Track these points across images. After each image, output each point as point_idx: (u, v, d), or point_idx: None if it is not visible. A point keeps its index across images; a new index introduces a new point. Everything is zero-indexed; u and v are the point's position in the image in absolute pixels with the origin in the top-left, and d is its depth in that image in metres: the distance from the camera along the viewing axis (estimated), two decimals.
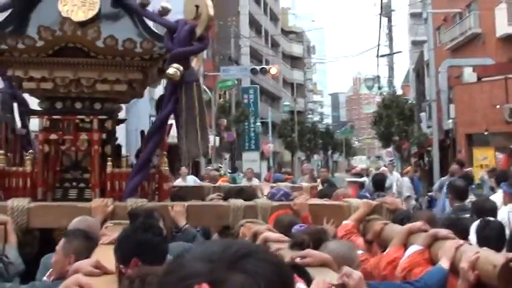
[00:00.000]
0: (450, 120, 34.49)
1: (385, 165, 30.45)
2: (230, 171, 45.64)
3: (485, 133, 30.98)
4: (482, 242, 5.03)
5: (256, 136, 61.88)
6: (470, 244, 4.78)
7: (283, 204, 6.34)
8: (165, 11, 6.93)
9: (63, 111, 7.01)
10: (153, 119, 34.23)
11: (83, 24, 6.66)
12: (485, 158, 30.05)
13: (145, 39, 6.72)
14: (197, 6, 6.40)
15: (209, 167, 23.70)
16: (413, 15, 64.89)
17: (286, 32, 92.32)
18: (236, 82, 39.85)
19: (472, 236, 5.30)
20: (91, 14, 6.86)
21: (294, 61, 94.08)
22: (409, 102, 44.08)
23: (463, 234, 5.12)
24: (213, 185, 10.77)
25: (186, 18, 6.63)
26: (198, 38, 6.49)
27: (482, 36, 38.13)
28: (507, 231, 6.60)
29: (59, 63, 6.77)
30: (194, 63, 7.11)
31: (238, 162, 55.41)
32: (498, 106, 30.30)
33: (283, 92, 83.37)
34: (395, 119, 39.36)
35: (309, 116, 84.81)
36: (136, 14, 7.14)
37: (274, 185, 9.62)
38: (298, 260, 3.75)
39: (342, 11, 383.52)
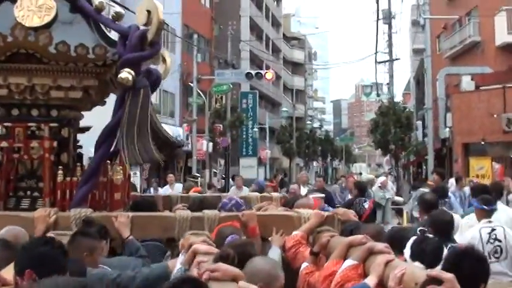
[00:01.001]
0: (447, 129, 34.13)
1: (385, 174, 30.12)
2: (224, 176, 45.45)
3: (482, 142, 30.63)
4: (416, 257, 5.02)
5: (254, 142, 61.59)
6: (405, 259, 4.80)
7: (231, 215, 6.14)
8: (118, 17, 6.84)
9: (19, 119, 6.81)
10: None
11: (37, 30, 6.53)
12: (481, 168, 29.82)
13: (98, 45, 6.54)
14: (149, 12, 6.28)
15: (194, 175, 23.29)
16: (415, 23, 64.78)
17: (288, 38, 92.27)
18: (231, 86, 39.35)
19: (407, 250, 5.23)
20: (47, 19, 6.71)
21: (295, 67, 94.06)
22: (407, 110, 43.69)
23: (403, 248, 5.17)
24: (181, 194, 10.40)
25: (138, 24, 6.48)
26: (149, 44, 6.34)
27: (481, 44, 37.76)
28: (480, 248, 6.71)
29: (13, 69, 6.59)
30: (163, 69, 7.00)
31: (234, 168, 55.12)
32: (496, 115, 29.94)
33: (284, 98, 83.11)
34: (392, 127, 38.99)
35: (309, 122, 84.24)
36: (92, 19, 6.99)
37: (244, 194, 9.76)
38: (206, 274, 3.71)
39: (345, 18, 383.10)
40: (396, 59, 43.05)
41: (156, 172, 38.07)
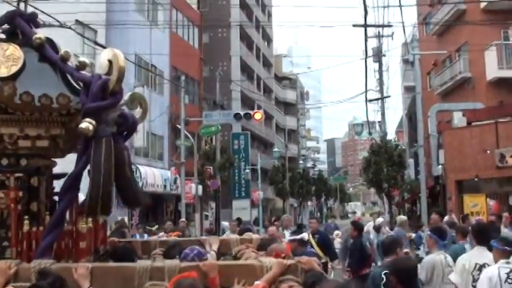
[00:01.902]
0: (440, 166, 33.60)
1: (377, 215, 29.61)
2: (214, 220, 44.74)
3: (476, 179, 30.12)
4: None
5: (247, 183, 61.12)
6: None
7: (192, 265, 6.07)
8: (82, 66, 6.85)
9: None
10: (132, 167, 33.48)
11: (2, 80, 6.56)
12: (476, 205, 29.44)
13: (62, 94, 6.54)
14: (110, 61, 6.36)
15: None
16: (405, 61, 64.97)
17: (279, 78, 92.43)
18: (220, 128, 38.84)
19: None
20: (14, 69, 6.76)
21: (288, 107, 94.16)
22: (399, 147, 43.29)
23: None
24: (160, 239, 10.45)
25: (100, 73, 6.52)
26: (110, 93, 6.37)
27: (472, 80, 37.42)
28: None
29: None
30: (140, 113, 7.12)
31: (227, 211, 54.52)
32: (488, 151, 29.46)
33: (277, 138, 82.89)
34: (384, 166, 38.60)
35: (301, 162, 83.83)
36: (58, 68, 7.03)
37: (224, 237, 9.68)
38: None
39: (338, 58, 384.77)
40: (387, 97, 42.78)
41: (145, 217, 37.61)
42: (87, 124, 6.07)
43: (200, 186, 41.10)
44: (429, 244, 9.51)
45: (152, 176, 38.10)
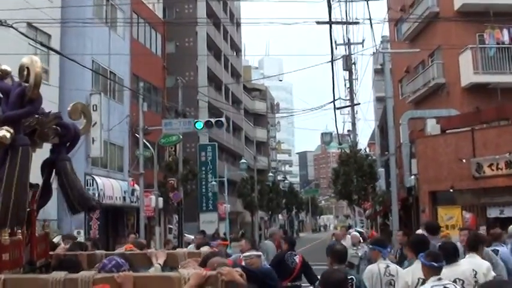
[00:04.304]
0: (412, 177, 31.92)
1: (346, 228, 28.11)
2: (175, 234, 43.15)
3: (451, 190, 28.59)
4: None
5: (214, 196, 59.91)
6: None
7: (107, 276, 6.01)
8: (4, 74, 6.77)
9: None
10: (88, 178, 31.41)
11: None
12: (451, 218, 28.12)
13: None
14: (28, 68, 6.32)
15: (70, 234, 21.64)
16: (377, 71, 64.06)
17: (249, 89, 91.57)
18: (181, 137, 37.10)
19: None
20: None
21: (257, 118, 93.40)
22: (370, 158, 41.85)
23: None
24: (106, 252, 9.87)
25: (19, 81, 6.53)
26: (28, 101, 6.37)
27: (446, 86, 35.83)
28: None
29: None
30: (83, 125, 7.25)
31: (193, 224, 53.04)
32: (464, 160, 27.86)
33: (246, 150, 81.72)
34: (353, 176, 37.16)
35: (271, 174, 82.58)
36: None
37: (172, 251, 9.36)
38: None
39: (310, 69, 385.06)
40: (357, 104, 41.34)
41: (105, 230, 36.15)
42: (4, 132, 6.05)
43: (161, 199, 39.32)
44: (374, 256, 10.01)
45: (110, 187, 36.29)
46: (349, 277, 7.68)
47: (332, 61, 35.04)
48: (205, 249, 10.37)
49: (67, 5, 33.98)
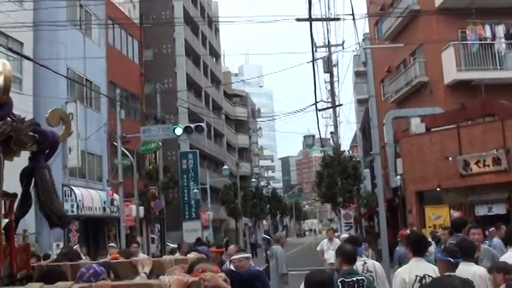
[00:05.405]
0: (398, 177, 31.32)
1: (332, 231, 27.38)
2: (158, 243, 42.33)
3: (438, 189, 28.09)
4: None
5: (197, 204, 59.21)
6: None
7: (84, 286, 5.67)
8: None
9: None
10: (66, 189, 30.50)
11: None
12: (438, 217, 27.71)
13: None
14: None
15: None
16: (358, 74, 63.74)
17: (229, 96, 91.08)
18: (160, 144, 36.33)
19: None
20: None
21: (239, 125, 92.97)
22: (353, 159, 41.26)
23: None
24: (91, 262, 9.18)
25: None
26: None
27: (429, 84, 35.26)
28: None
29: None
30: (62, 132, 6.87)
31: (177, 233, 52.29)
32: (451, 158, 27.33)
33: (228, 157, 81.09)
34: (338, 178, 36.55)
35: (254, 180, 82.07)
36: None
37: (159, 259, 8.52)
38: None
39: (290, 74, 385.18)
40: (339, 105, 40.68)
41: (85, 242, 35.31)
42: None
43: (142, 208, 38.50)
44: None
45: (89, 198, 35.47)
46: (359, 278, 7.80)
47: (313, 61, 34.30)
48: (192, 255, 9.40)
49: (39, 7, 33.08)
